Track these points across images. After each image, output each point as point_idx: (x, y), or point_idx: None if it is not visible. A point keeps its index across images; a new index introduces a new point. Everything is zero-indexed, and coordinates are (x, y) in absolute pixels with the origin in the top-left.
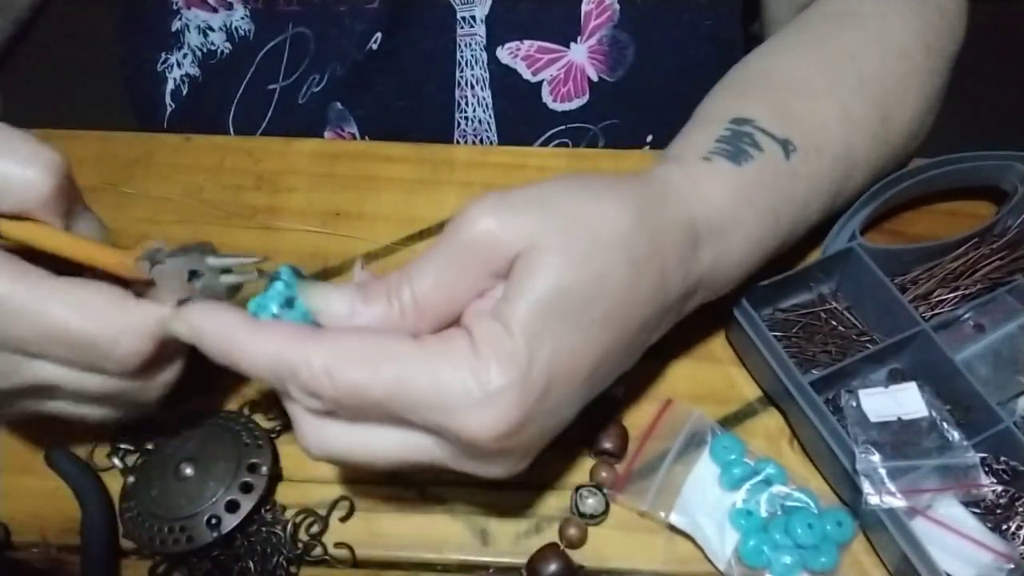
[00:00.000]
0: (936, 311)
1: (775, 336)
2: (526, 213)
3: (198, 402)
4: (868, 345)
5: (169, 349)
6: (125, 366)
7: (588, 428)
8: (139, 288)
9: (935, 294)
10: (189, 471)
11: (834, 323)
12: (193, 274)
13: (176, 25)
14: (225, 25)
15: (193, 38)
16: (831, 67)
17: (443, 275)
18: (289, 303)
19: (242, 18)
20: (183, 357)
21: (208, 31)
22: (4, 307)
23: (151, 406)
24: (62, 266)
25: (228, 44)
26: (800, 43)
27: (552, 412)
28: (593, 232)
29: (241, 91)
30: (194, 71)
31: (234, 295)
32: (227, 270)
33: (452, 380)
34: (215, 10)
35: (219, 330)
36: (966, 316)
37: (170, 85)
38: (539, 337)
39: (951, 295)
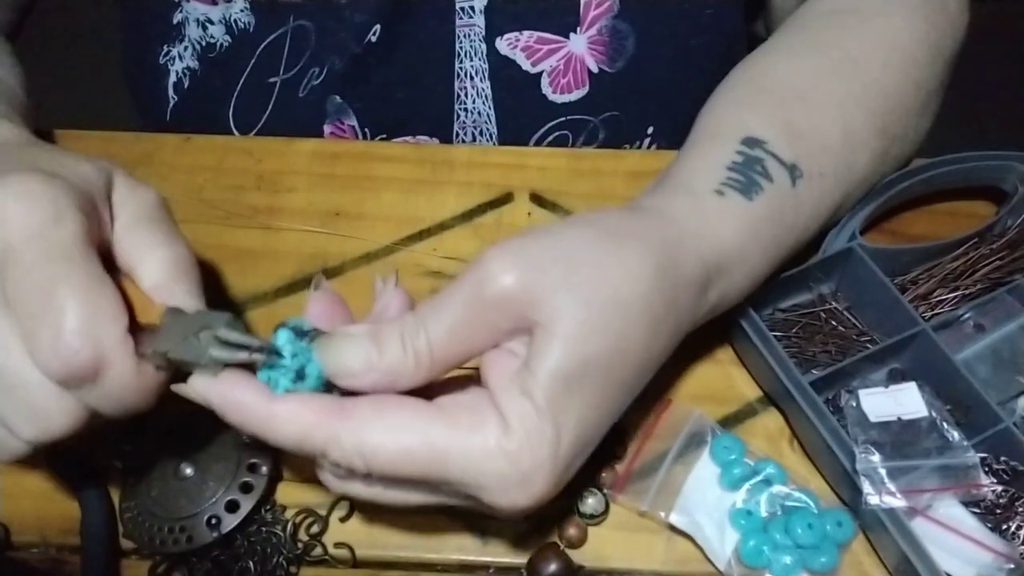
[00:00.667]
0: (936, 311)
1: (775, 336)
2: (551, 272)
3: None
4: (868, 345)
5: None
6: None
7: None
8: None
9: (935, 294)
10: (189, 471)
11: (834, 323)
12: (198, 334)
13: (177, 18)
14: (225, 18)
15: (193, 31)
16: (834, 73)
17: (459, 326)
18: (300, 375)
19: (242, 11)
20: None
21: (208, 24)
22: None
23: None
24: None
25: (228, 37)
26: (804, 45)
27: (575, 467)
28: (615, 297)
29: (241, 84)
30: (194, 64)
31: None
32: (227, 342)
33: (487, 464)
34: (215, 2)
35: (238, 407)
36: (966, 316)
37: (172, 78)
38: (566, 411)
39: (951, 295)
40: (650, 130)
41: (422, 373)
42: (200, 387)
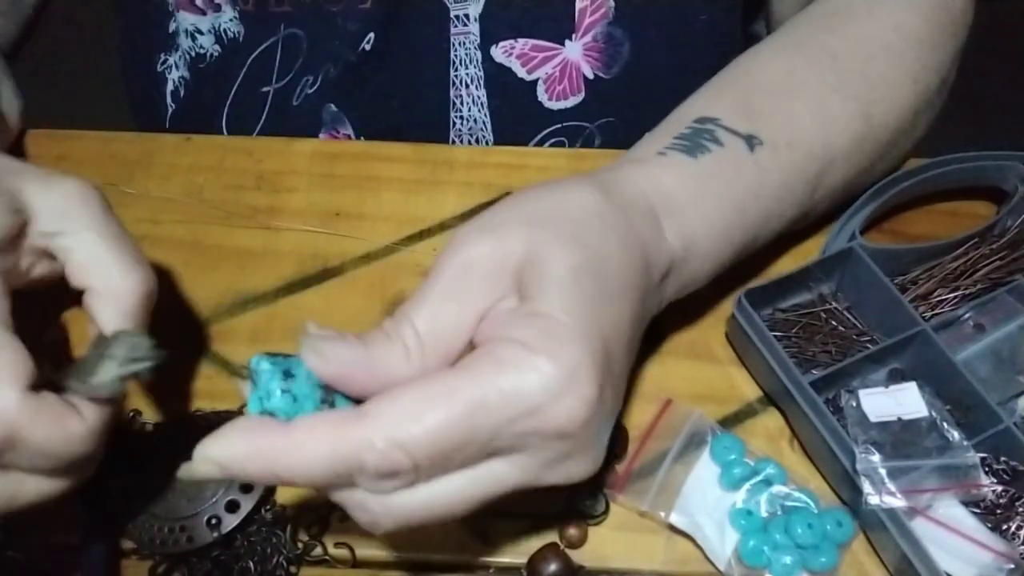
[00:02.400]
0: (936, 311)
1: (775, 336)
2: (511, 224)
3: (198, 402)
4: (868, 345)
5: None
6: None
7: None
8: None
9: (935, 294)
10: None
11: (834, 323)
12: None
13: (172, 26)
14: (214, 28)
15: (183, 41)
16: (810, 66)
17: (442, 305)
18: (294, 399)
19: (231, 20)
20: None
21: (197, 34)
22: None
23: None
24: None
25: (217, 47)
26: (785, 45)
27: (618, 377)
28: (571, 217)
29: (232, 94)
30: (186, 75)
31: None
32: (128, 358)
33: (526, 384)
34: (203, 12)
35: (255, 454)
36: (966, 316)
37: (170, 86)
38: (582, 313)
39: (951, 295)
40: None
41: (415, 360)
42: (217, 451)
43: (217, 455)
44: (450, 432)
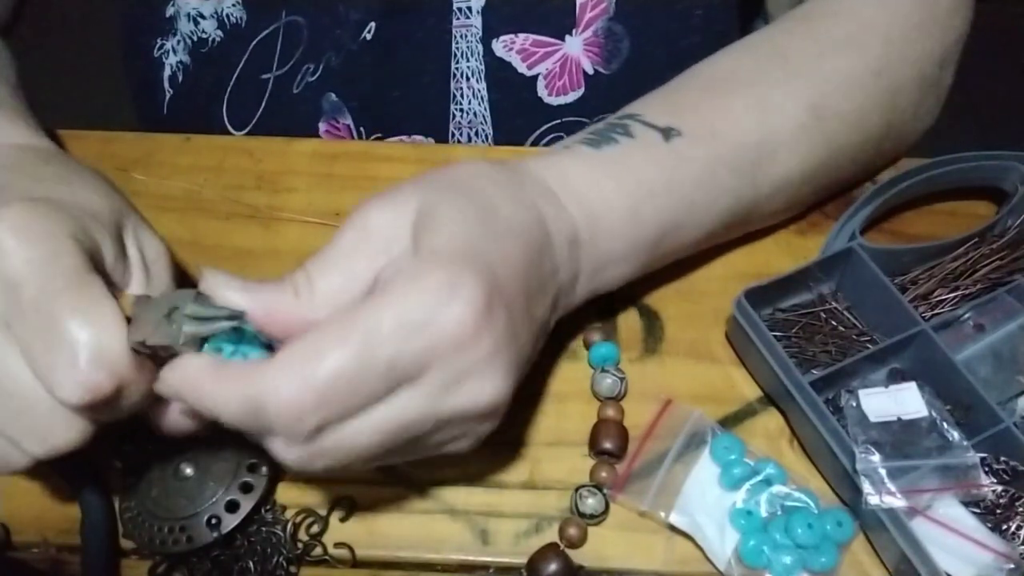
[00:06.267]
0: (936, 311)
1: (775, 336)
2: (405, 189)
3: None
4: (868, 345)
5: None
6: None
7: (587, 428)
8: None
9: (935, 294)
10: (189, 471)
11: (834, 323)
12: (170, 316)
13: (170, 11)
14: (216, 12)
15: (184, 26)
16: (756, 64)
17: (338, 262)
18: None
19: (233, 5)
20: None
21: (199, 19)
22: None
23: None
24: None
25: (219, 32)
26: (741, 46)
27: (518, 311)
28: (461, 177)
29: (234, 80)
30: (186, 59)
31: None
32: (204, 318)
33: (410, 302)
34: None
35: (187, 386)
36: (966, 316)
37: (167, 71)
38: (463, 243)
39: (951, 295)
40: None
41: (303, 301)
42: (167, 376)
43: (167, 378)
44: (348, 366)
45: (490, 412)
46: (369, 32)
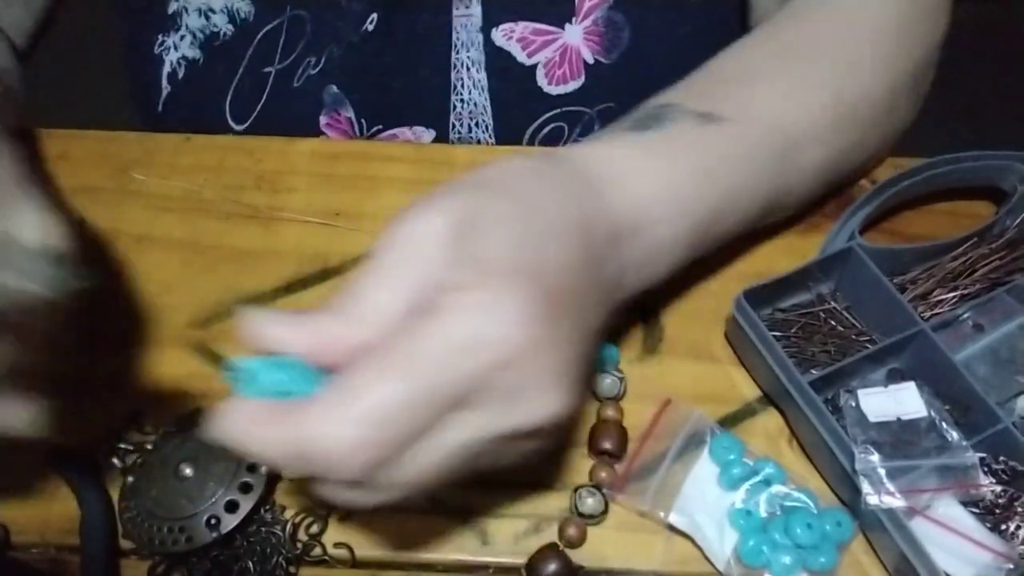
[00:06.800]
0: (935, 311)
1: (775, 336)
2: (446, 195)
3: (197, 402)
4: (867, 345)
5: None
6: None
7: (587, 428)
8: None
9: (934, 294)
10: (189, 471)
11: (833, 323)
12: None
13: (173, 7)
14: (227, 7)
15: (193, 20)
16: (773, 58)
17: (383, 279)
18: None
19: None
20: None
21: (210, 13)
22: None
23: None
24: None
25: (230, 26)
26: (757, 39)
27: (576, 312)
28: (503, 176)
29: (240, 73)
30: (194, 54)
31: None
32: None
33: (457, 322)
34: None
35: (235, 426)
36: (965, 316)
37: (167, 68)
38: (509, 251)
39: (950, 295)
40: None
41: (353, 325)
42: (221, 424)
43: (221, 426)
44: (394, 400)
45: (549, 426)
46: (371, 23)
